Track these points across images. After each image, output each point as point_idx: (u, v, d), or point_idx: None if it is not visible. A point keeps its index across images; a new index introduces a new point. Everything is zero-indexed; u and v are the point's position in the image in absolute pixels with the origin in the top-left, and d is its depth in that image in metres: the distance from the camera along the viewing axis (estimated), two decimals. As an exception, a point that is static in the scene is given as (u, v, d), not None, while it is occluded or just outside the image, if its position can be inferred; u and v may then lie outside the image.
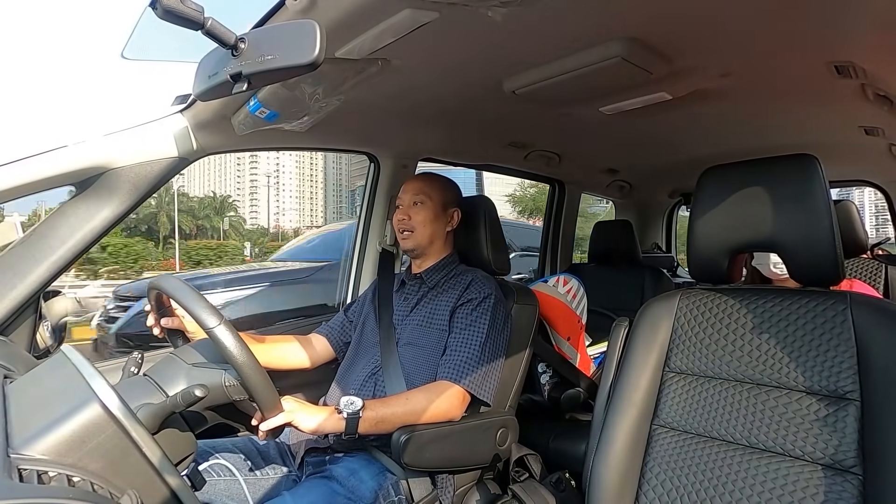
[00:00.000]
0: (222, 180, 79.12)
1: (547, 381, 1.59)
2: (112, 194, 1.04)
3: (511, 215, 25.41)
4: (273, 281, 3.73)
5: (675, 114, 1.43)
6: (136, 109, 1.04)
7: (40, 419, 0.58)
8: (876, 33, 0.95)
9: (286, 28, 0.67)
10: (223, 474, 0.98)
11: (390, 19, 0.80)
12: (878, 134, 1.62)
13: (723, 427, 0.82)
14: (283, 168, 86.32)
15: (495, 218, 1.35)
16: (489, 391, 1.14)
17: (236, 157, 75.70)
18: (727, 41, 1.00)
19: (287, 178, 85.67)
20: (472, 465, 1.16)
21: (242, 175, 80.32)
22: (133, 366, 0.80)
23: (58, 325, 1.09)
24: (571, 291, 1.69)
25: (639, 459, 0.87)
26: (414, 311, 1.25)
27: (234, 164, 25.78)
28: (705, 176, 0.92)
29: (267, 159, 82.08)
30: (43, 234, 1.00)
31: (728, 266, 0.90)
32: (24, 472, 0.51)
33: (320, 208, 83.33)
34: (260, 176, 78.34)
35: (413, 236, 1.26)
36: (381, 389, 1.14)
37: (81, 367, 0.63)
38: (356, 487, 1.00)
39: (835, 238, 0.78)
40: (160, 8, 0.60)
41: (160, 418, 0.68)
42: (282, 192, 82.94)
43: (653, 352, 0.91)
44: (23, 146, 0.93)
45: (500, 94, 1.24)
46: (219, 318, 0.76)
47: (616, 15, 0.89)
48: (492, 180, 37.69)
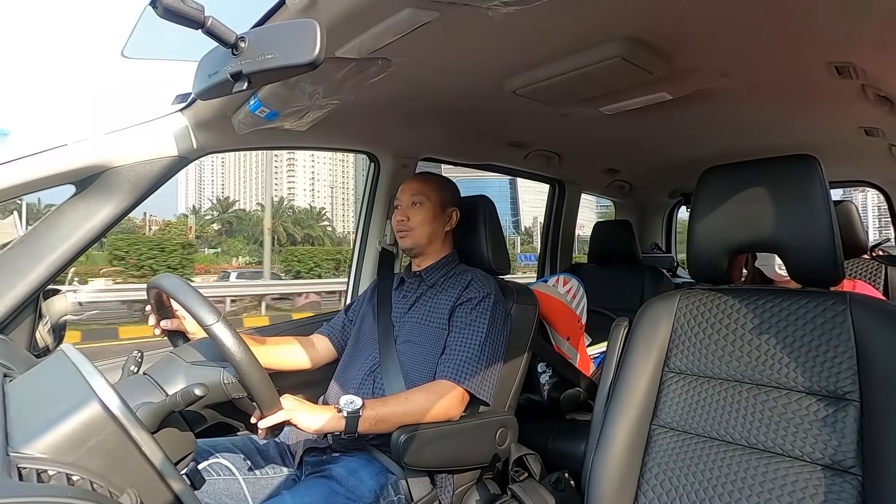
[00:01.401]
0: (279, 184, 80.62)
1: (546, 381, 1.59)
2: (112, 193, 1.04)
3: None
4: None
5: (675, 114, 1.43)
6: (136, 108, 1.04)
7: (40, 418, 0.58)
8: (876, 34, 0.94)
9: (286, 27, 0.67)
10: (223, 473, 0.98)
11: (390, 19, 0.80)
12: (878, 135, 1.62)
13: (722, 427, 0.82)
14: (318, 175, 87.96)
15: (495, 218, 1.35)
16: (488, 391, 1.14)
17: (275, 165, 77.54)
18: (727, 41, 1.00)
19: (321, 185, 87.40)
20: (471, 465, 1.16)
21: (280, 181, 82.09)
22: (133, 365, 0.80)
23: (57, 323, 1.09)
24: (571, 291, 1.69)
25: (638, 459, 0.87)
26: (412, 309, 1.25)
27: (268, 169, 25.99)
28: (705, 176, 0.92)
29: (303, 167, 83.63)
30: (43, 233, 1.00)
31: (728, 266, 0.90)
32: (23, 471, 0.51)
33: (351, 214, 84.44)
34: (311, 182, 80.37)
35: (411, 236, 1.26)
36: (379, 387, 1.14)
37: (81, 365, 0.63)
38: (356, 487, 1.00)
39: (835, 239, 0.78)
40: (160, 7, 0.60)
41: (160, 417, 0.68)
42: (317, 198, 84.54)
43: (652, 352, 0.91)
44: (22, 146, 0.93)
45: (500, 94, 1.24)
46: (217, 315, 0.76)
47: (616, 15, 0.89)
48: (526, 187, 37.12)
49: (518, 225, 70.09)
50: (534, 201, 32.97)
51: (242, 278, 17.25)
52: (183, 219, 47.99)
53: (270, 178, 32.00)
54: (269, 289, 13.12)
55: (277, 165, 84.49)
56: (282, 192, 79.78)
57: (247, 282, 14.49)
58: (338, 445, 1.08)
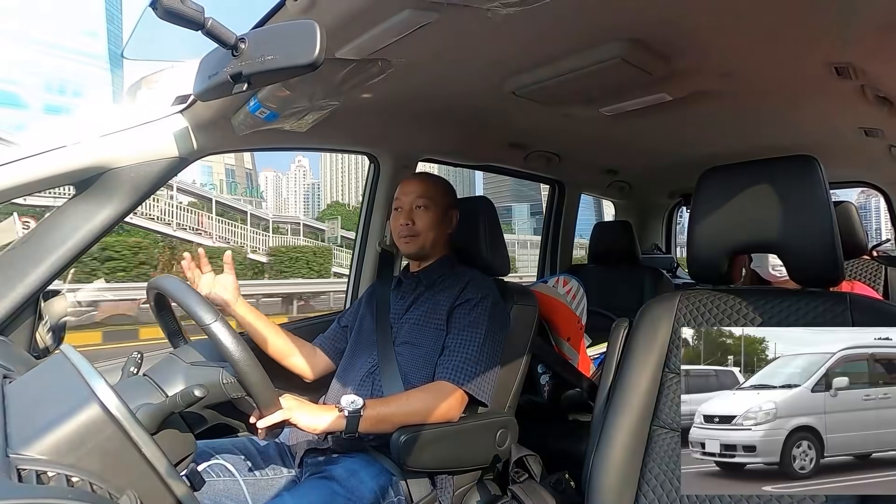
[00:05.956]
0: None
1: (547, 381, 1.59)
2: (112, 194, 1.04)
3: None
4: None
5: (675, 114, 1.43)
6: (136, 109, 1.04)
7: (39, 419, 0.58)
8: (876, 35, 0.95)
9: (286, 28, 0.67)
10: (223, 475, 0.98)
11: (390, 19, 0.80)
12: (877, 135, 1.62)
13: (722, 428, 0.82)
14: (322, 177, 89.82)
15: (494, 218, 1.35)
16: (488, 392, 1.14)
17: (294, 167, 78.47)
18: (727, 42, 1.00)
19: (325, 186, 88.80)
20: (471, 466, 1.16)
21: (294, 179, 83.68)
22: (132, 366, 0.80)
23: (57, 325, 1.09)
24: (571, 292, 1.69)
25: (638, 460, 0.87)
26: (410, 310, 1.24)
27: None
28: (705, 176, 0.92)
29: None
30: (43, 234, 1.00)
31: (728, 267, 0.90)
32: (23, 472, 0.51)
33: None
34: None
35: (417, 241, 1.23)
36: (378, 388, 1.14)
37: (81, 367, 0.62)
38: (356, 488, 1.00)
39: (835, 239, 0.78)
40: (160, 8, 0.60)
41: (159, 418, 0.68)
42: (324, 198, 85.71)
43: (652, 352, 0.91)
44: (23, 145, 0.93)
45: (500, 95, 1.24)
46: (215, 315, 0.77)
47: (616, 16, 0.89)
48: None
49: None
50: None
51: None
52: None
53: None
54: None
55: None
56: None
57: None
58: (338, 447, 1.08)
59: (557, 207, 2.47)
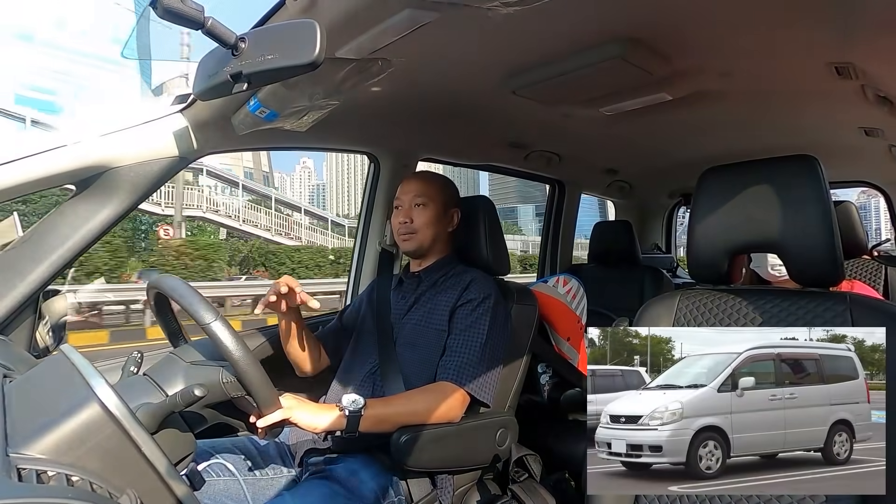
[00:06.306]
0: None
1: (547, 381, 1.59)
2: (112, 194, 1.04)
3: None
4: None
5: (675, 114, 1.43)
6: (135, 108, 1.04)
7: (39, 418, 0.58)
8: (876, 35, 0.95)
9: (286, 28, 0.67)
10: (223, 474, 0.98)
11: (390, 19, 0.80)
12: (877, 135, 1.62)
13: (722, 428, 0.82)
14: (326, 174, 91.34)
15: (495, 218, 1.34)
16: (489, 393, 1.14)
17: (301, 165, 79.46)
18: (727, 41, 1.00)
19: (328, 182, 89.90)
20: (471, 466, 1.16)
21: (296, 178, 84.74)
22: (132, 365, 0.80)
23: (57, 324, 1.09)
24: (571, 292, 1.69)
25: None
26: (411, 311, 1.24)
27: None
28: (705, 176, 0.92)
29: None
30: (43, 234, 1.00)
31: (728, 267, 0.90)
32: (23, 472, 0.51)
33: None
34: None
35: (415, 238, 1.24)
36: (378, 389, 1.14)
37: (81, 366, 0.63)
38: (356, 488, 1.00)
39: (835, 239, 0.78)
40: (160, 7, 0.60)
41: (159, 418, 0.68)
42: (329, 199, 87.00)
43: None
44: (23, 145, 0.93)
45: (500, 94, 1.24)
46: (215, 314, 0.77)
47: (616, 16, 0.89)
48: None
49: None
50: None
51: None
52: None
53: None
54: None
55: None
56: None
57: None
58: (338, 446, 1.08)
59: (557, 207, 2.47)
